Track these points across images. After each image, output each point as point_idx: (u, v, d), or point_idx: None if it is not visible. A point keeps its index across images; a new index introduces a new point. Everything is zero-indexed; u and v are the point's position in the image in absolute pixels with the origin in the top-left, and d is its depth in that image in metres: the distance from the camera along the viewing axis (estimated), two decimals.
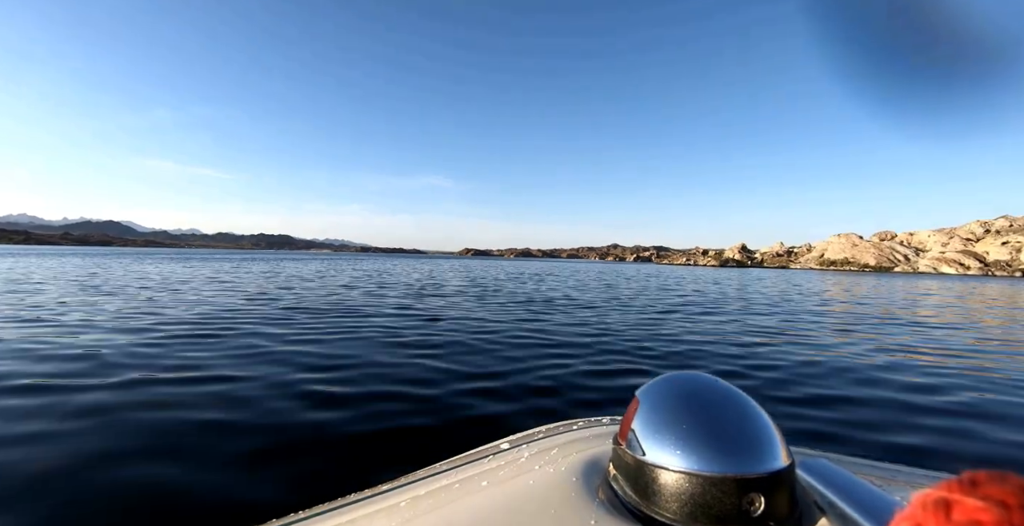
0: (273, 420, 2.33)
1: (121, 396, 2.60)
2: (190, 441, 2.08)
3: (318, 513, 0.60)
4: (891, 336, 5.85)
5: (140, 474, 1.76)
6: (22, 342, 3.92)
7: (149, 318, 5.37)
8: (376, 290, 10.47)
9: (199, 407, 2.47)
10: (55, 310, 5.85)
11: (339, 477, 1.81)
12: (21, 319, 5.11)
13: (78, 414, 2.31)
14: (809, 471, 0.51)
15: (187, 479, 1.73)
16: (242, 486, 1.72)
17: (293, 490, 1.68)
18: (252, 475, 1.79)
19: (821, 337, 5.61)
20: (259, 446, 2.03)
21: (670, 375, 0.57)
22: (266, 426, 2.25)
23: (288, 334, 4.60)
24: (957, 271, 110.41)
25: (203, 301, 7.27)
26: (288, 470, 1.85)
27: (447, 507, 0.54)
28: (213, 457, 1.91)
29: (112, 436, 2.08)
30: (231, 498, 1.62)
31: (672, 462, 0.46)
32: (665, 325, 6.19)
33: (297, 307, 6.85)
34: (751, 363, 3.95)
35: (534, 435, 0.76)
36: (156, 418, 2.31)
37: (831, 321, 7.33)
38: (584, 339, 4.87)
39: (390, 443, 2.15)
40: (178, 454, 1.94)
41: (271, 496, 1.64)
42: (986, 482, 0.21)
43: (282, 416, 2.39)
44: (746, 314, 7.85)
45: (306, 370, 3.28)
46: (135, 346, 3.86)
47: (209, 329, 4.74)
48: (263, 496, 1.65)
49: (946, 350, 4.94)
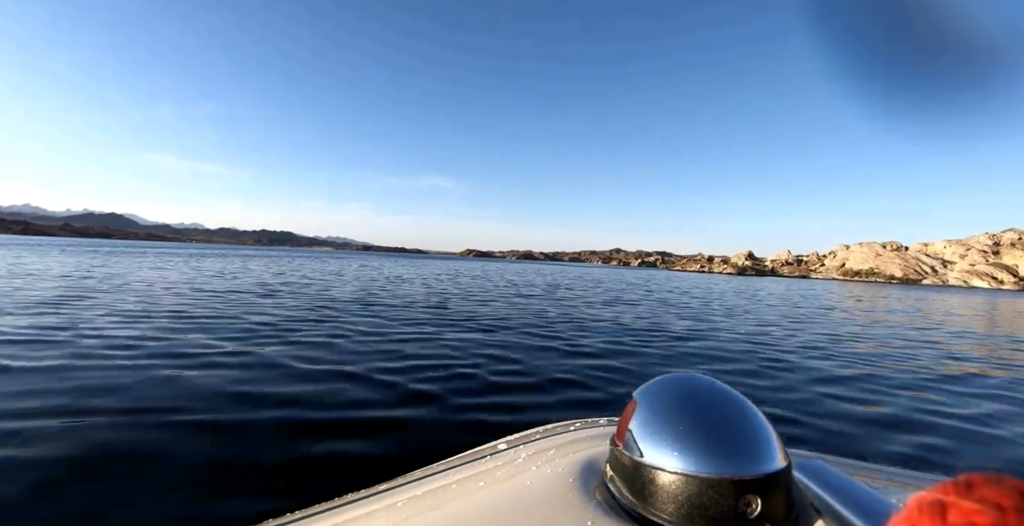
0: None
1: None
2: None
3: (316, 512, 0.60)
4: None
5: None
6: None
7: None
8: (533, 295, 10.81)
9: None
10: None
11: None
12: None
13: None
14: (805, 473, 0.50)
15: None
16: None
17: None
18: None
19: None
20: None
21: (667, 376, 0.57)
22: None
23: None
24: (990, 285, 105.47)
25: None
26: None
27: (444, 507, 0.54)
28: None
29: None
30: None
31: (669, 463, 0.45)
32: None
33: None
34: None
35: (531, 436, 0.76)
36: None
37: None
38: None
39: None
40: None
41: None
42: (982, 484, 0.21)
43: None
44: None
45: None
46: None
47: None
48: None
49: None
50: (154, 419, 2.33)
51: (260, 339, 4.40)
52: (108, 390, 2.71)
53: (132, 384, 2.84)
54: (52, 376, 2.92)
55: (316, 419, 2.47)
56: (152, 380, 2.95)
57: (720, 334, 6.45)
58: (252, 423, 2.37)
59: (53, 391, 2.65)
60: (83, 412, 2.35)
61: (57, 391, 2.66)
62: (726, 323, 7.83)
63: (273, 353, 3.87)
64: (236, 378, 3.08)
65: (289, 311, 6.47)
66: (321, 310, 6.73)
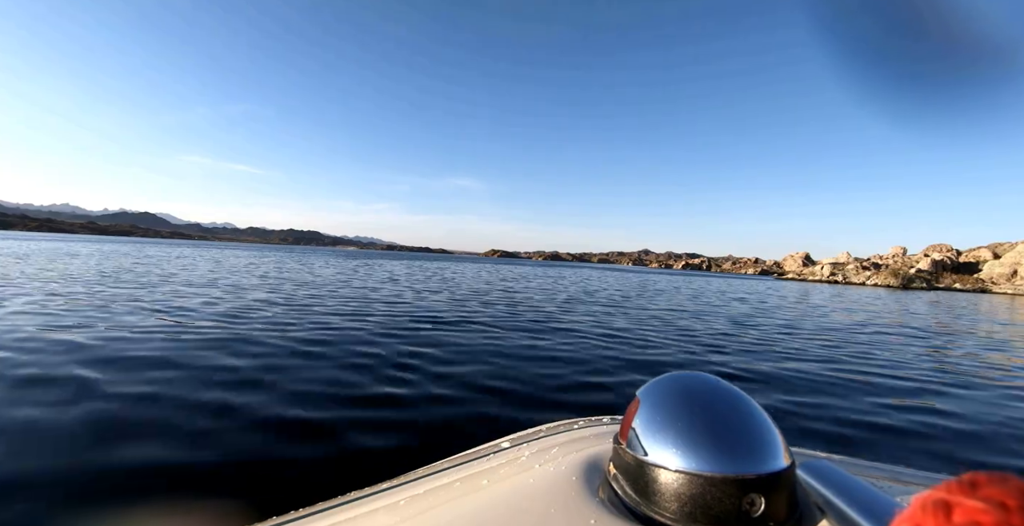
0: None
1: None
2: None
3: (319, 510, 0.60)
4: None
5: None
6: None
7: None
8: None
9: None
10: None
11: None
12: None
13: None
14: (809, 472, 0.50)
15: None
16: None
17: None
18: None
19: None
20: None
21: (671, 375, 0.57)
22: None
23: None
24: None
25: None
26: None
27: (447, 505, 0.54)
28: None
29: None
30: None
31: (672, 462, 0.45)
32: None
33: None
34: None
35: (535, 434, 0.76)
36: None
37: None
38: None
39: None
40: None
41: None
42: (986, 484, 0.21)
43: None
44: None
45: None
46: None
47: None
48: None
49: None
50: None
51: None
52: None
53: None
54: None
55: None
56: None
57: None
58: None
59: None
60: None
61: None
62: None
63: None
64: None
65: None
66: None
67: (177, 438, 2.13)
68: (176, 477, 1.80)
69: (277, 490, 1.75)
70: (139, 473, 1.81)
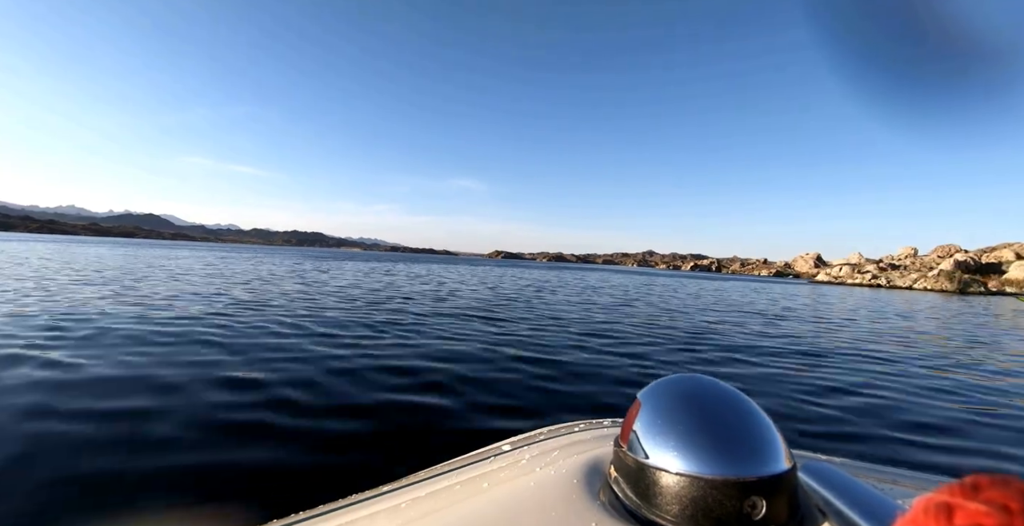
0: None
1: None
2: None
3: (319, 513, 0.60)
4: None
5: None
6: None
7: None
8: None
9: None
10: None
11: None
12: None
13: None
14: (811, 474, 0.50)
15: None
16: None
17: None
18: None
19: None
20: None
21: (672, 377, 0.57)
22: None
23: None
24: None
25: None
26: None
27: (448, 508, 0.54)
28: None
29: None
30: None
31: (673, 464, 0.45)
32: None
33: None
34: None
35: (535, 437, 0.76)
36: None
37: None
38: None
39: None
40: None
41: None
42: (988, 486, 0.21)
43: None
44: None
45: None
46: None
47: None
48: None
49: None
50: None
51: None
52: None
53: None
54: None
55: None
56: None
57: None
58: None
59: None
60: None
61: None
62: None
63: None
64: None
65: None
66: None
67: (198, 440, 2.11)
68: (176, 478, 1.80)
69: (277, 491, 1.75)
70: (139, 473, 1.80)
